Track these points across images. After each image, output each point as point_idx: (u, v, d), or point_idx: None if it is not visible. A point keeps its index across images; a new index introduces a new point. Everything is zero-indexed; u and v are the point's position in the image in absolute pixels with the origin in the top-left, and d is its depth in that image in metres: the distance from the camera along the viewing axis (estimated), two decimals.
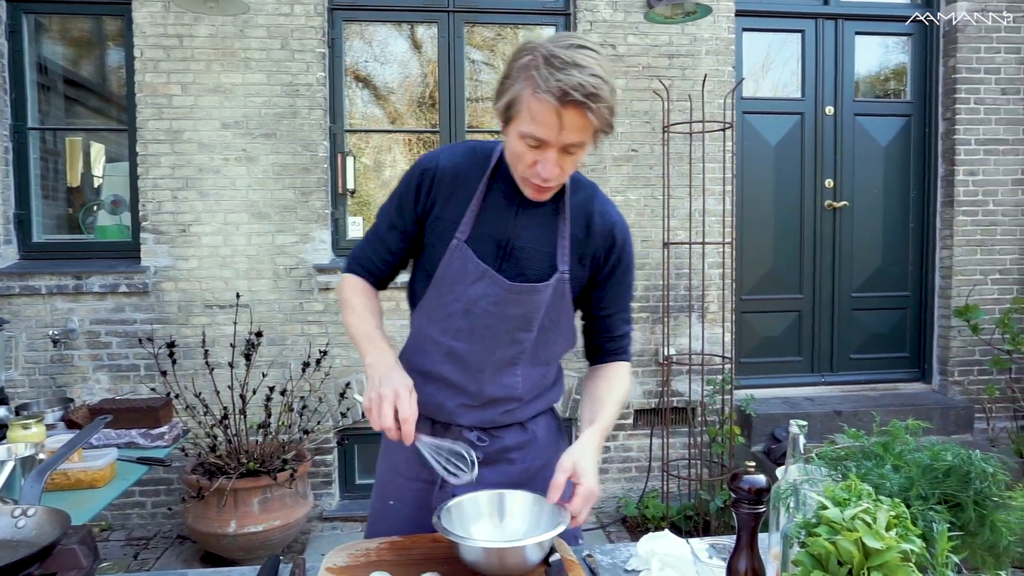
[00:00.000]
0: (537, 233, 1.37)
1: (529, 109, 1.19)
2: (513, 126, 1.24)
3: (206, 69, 3.63)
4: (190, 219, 3.67)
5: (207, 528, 3.15)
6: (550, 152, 1.22)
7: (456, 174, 1.37)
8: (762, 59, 4.32)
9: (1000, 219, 4.28)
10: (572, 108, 1.16)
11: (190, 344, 3.64)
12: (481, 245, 1.36)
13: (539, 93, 1.15)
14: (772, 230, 4.32)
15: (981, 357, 4.25)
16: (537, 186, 1.29)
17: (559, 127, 1.17)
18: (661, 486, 3.88)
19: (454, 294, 1.37)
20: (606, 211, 1.42)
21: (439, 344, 1.41)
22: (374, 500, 1.56)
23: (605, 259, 1.42)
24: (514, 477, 1.46)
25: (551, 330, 1.41)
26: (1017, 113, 4.26)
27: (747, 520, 1.08)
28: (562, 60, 1.15)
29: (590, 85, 1.15)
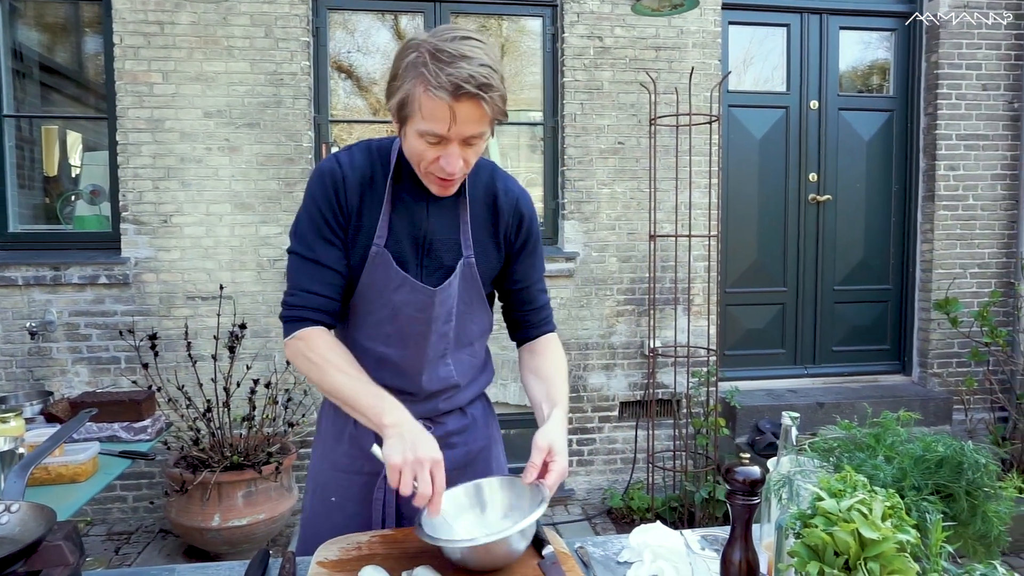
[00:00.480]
0: (447, 223, 1.38)
1: (423, 107, 1.17)
2: (410, 125, 1.22)
3: (188, 57, 3.57)
4: (172, 209, 3.61)
5: (190, 522, 3.11)
6: (452, 147, 1.21)
7: (362, 178, 1.33)
8: (748, 52, 4.33)
9: (979, 213, 4.34)
10: (466, 101, 1.15)
11: (172, 336, 3.59)
12: (400, 247, 1.35)
13: (431, 90, 1.14)
14: (756, 223, 4.34)
15: (960, 349, 4.32)
16: (442, 180, 1.28)
17: (454, 121, 1.17)
18: (646, 478, 3.90)
19: (379, 301, 1.36)
20: (508, 188, 1.43)
21: (368, 351, 1.39)
22: (311, 500, 1.51)
23: (516, 234, 1.44)
24: (457, 461, 1.47)
25: (465, 313, 1.43)
26: (997, 109, 4.32)
27: (741, 511, 1.08)
28: (449, 54, 1.14)
29: (480, 76, 1.15)
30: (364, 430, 1.44)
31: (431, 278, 1.38)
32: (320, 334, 1.31)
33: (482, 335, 1.51)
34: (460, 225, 1.38)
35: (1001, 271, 4.38)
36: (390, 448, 1.19)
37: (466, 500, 1.33)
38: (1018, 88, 4.29)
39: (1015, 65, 4.30)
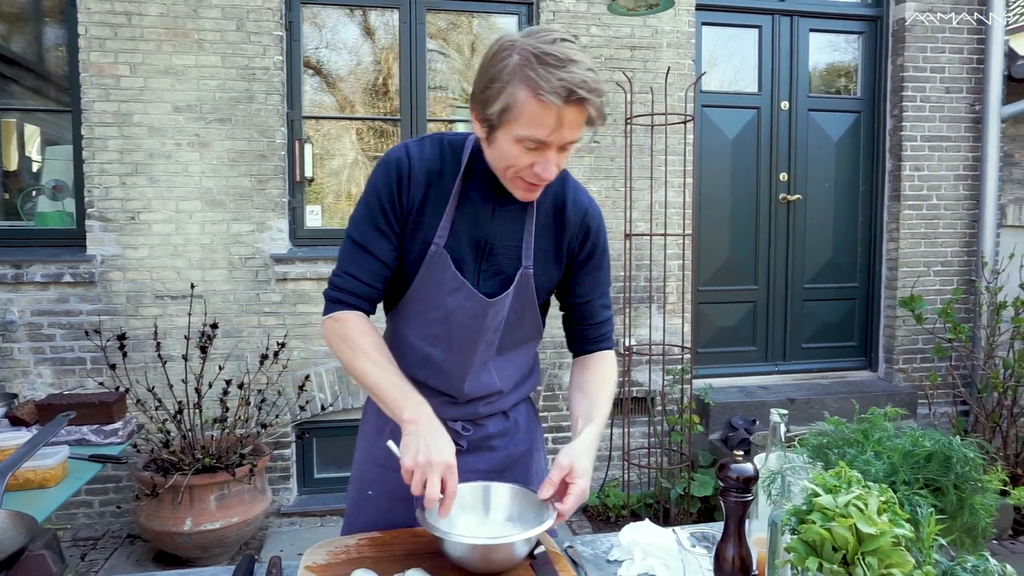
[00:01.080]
0: (512, 229, 1.34)
1: (529, 112, 1.13)
2: (506, 130, 1.17)
3: (156, 49, 3.48)
4: (140, 206, 3.52)
5: (161, 526, 3.04)
6: (550, 153, 1.18)
7: (429, 172, 1.30)
8: (721, 53, 4.38)
9: (943, 213, 4.46)
10: (574, 106, 1.13)
11: (140, 336, 3.50)
12: (460, 248, 1.31)
13: (543, 95, 1.10)
14: (728, 222, 4.40)
15: (924, 346, 4.43)
16: (530, 185, 1.24)
17: (559, 126, 1.14)
18: (622, 475, 3.93)
19: (433, 301, 1.34)
20: (578, 199, 1.40)
21: (416, 350, 1.38)
22: (351, 491, 1.52)
23: (580, 247, 1.41)
24: (496, 464, 1.46)
25: (515, 323, 1.40)
26: (960, 111, 4.44)
27: (735, 508, 1.09)
28: (556, 57, 1.11)
29: (592, 81, 1.13)
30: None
31: (488, 283, 1.34)
32: (356, 319, 1.31)
33: (529, 341, 1.47)
34: (524, 234, 1.35)
35: (963, 269, 4.50)
36: (405, 447, 1.19)
37: (470, 500, 1.32)
38: (979, 91, 4.41)
39: (976, 68, 4.42)
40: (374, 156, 4.08)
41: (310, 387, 3.63)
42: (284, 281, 3.65)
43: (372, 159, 4.09)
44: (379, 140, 4.10)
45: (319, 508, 3.70)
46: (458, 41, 4.14)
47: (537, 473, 1.54)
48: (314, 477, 3.85)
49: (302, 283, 3.67)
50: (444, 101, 4.07)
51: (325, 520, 3.65)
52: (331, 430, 3.83)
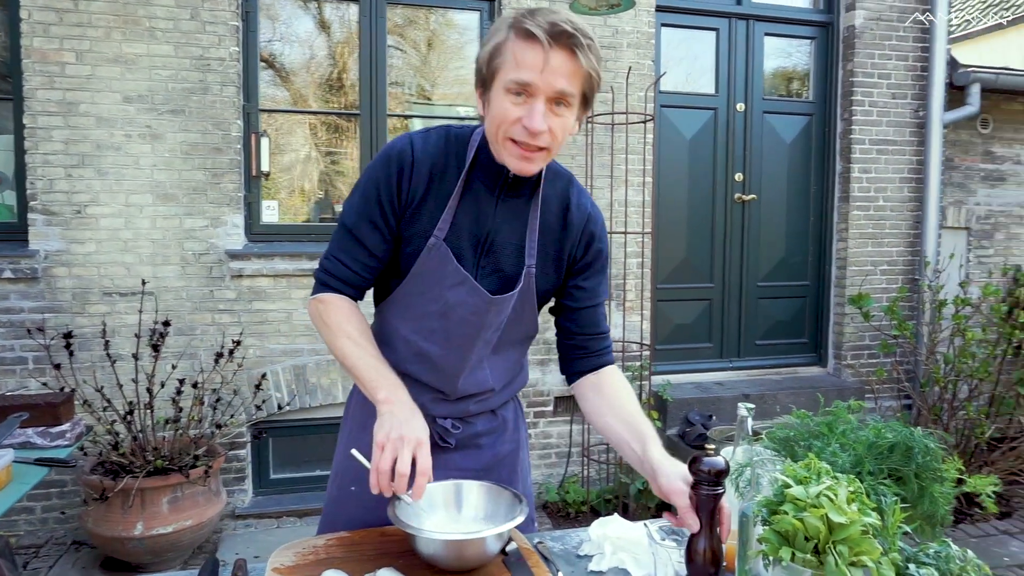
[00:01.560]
0: (513, 226, 1.32)
1: (514, 53, 1.14)
2: (498, 81, 1.17)
3: (105, 36, 3.35)
4: (87, 199, 3.39)
5: (110, 532, 2.93)
6: (537, 103, 1.15)
7: (433, 164, 1.28)
8: (679, 54, 4.45)
9: (888, 214, 4.62)
10: (560, 48, 1.12)
11: (87, 335, 3.37)
12: (460, 242, 1.29)
13: (527, 26, 1.12)
14: (686, 221, 4.47)
15: (871, 342, 4.59)
16: (523, 149, 1.19)
17: (545, 66, 1.12)
18: (581, 471, 3.96)
19: (431, 294, 1.31)
20: (582, 202, 1.39)
21: (409, 343, 1.35)
22: (331, 488, 1.49)
23: (585, 251, 1.39)
24: (484, 462, 1.45)
25: (514, 322, 1.38)
26: (905, 116, 4.61)
27: (707, 501, 1.10)
28: (547, 10, 1.16)
29: (575, 23, 1.14)
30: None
31: (487, 280, 1.32)
32: (340, 301, 1.32)
33: (524, 341, 1.45)
34: (527, 232, 1.32)
35: (907, 268, 4.67)
36: (378, 425, 1.17)
37: (440, 498, 1.31)
38: (923, 97, 4.59)
39: (920, 76, 4.60)
40: (328, 152, 4.02)
41: (267, 386, 3.55)
42: (239, 278, 3.56)
43: (327, 154, 4.02)
44: (335, 135, 4.03)
45: (275, 509, 3.62)
46: (414, 37, 4.10)
47: (522, 472, 1.53)
48: (270, 478, 3.77)
49: (258, 280, 3.58)
50: (400, 97, 4.02)
51: (281, 521, 3.58)
52: (288, 430, 3.76)
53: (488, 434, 1.46)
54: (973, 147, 5.01)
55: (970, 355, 3.96)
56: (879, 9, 4.49)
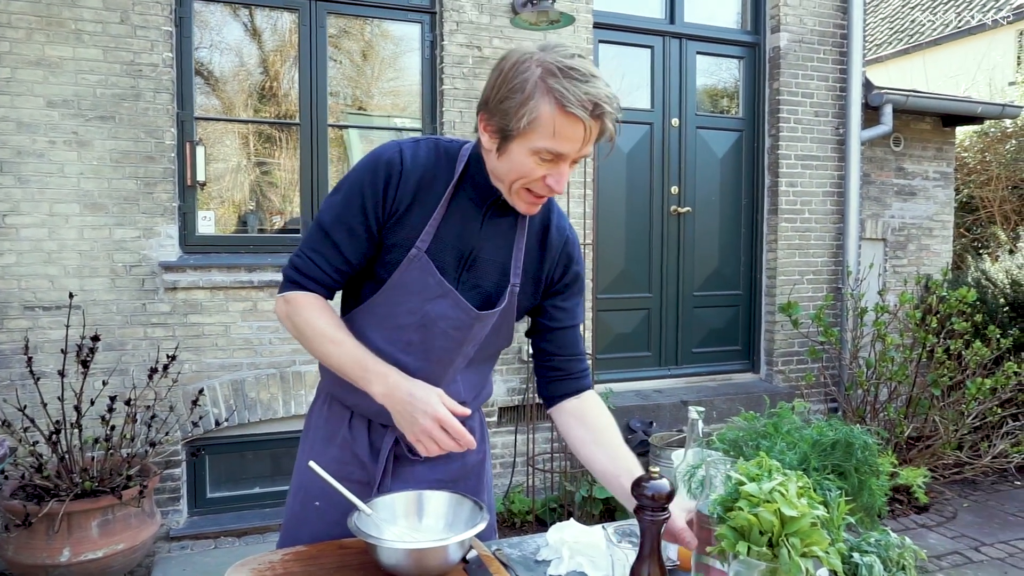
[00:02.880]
0: (498, 244, 1.33)
1: (554, 124, 1.13)
2: (523, 142, 1.16)
3: (27, 38, 3.20)
4: (6, 208, 3.21)
5: (32, 559, 2.77)
6: (564, 166, 1.19)
7: (422, 176, 1.27)
8: (616, 70, 4.57)
9: (813, 226, 4.86)
10: (599, 120, 1.14)
11: (6, 351, 3.19)
12: (442, 255, 1.29)
13: (571, 108, 1.11)
14: (624, 233, 4.58)
15: (800, 348, 4.80)
16: (535, 199, 1.23)
17: (585, 140, 1.15)
18: (526, 480, 3.99)
19: (409, 306, 1.30)
20: (561, 224, 1.41)
21: (384, 354, 1.31)
22: (293, 503, 1.45)
23: (563, 273, 1.41)
24: (452, 473, 1.45)
25: (492, 337, 1.39)
26: (826, 134, 4.87)
27: (650, 526, 1.06)
28: (580, 72, 1.13)
29: (614, 97, 1.15)
30: (359, 433, 1.39)
31: (467, 295, 1.31)
32: (307, 298, 1.29)
33: (496, 355, 1.47)
34: (513, 250, 1.33)
35: (831, 277, 4.92)
36: (397, 423, 1.22)
37: (401, 508, 1.31)
38: (843, 116, 4.86)
39: (840, 96, 4.87)
40: (260, 162, 3.93)
41: (204, 402, 3.44)
42: (174, 290, 3.44)
43: (262, 164, 3.94)
44: (273, 145, 3.96)
45: (213, 529, 3.50)
46: (349, 48, 4.08)
47: (487, 482, 1.55)
48: (207, 497, 3.64)
49: (194, 292, 3.47)
50: (335, 108, 3.98)
51: (219, 542, 3.46)
52: (226, 446, 3.64)
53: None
54: (887, 163, 5.34)
55: (889, 359, 4.21)
56: (801, 32, 4.75)
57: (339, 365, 1.26)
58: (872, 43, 11.04)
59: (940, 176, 5.54)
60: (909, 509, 3.92)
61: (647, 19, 4.57)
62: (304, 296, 1.29)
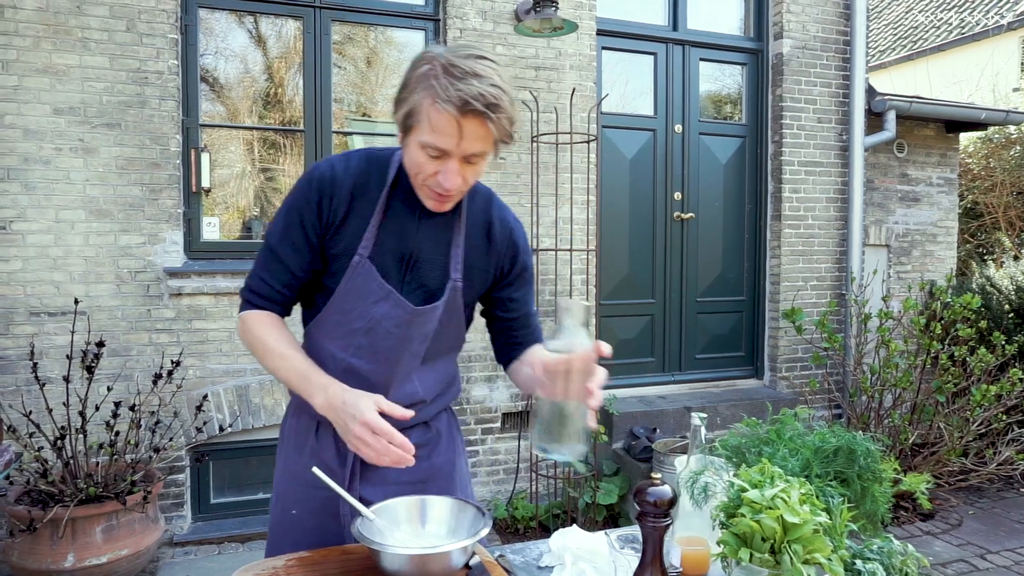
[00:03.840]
0: (436, 242, 1.37)
1: (429, 119, 1.18)
2: (413, 136, 1.22)
3: (34, 47, 3.23)
4: (12, 215, 3.23)
5: (37, 564, 2.78)
6: (451, 162, 1.22)
7: (355, 186, 1.33)
8: (620, 77, 4.58)
9: (817, 232, 4.86)
10: (472, 118, 1.17)
11: (11, 357, 3.21)
12: (384, 260, 1.34)
13: (439, 103, 1.15)
14: (627, 238, 4.59)
15: (803, 355, 4.79)
16: (439, 196, 1.28)
17: (459, 137, 1.18)
18: (529, 487, 3.98)
19: (357, 311, 1.35)
20: (504, 218, 1.45)
21: (338, 360, 1.37)
22: (274, 512, 1.48)
23: (511, 266, 1.45)
24: (420, 474, 1.46)
25: (441, 334, 1.42)
26: (830, 140, 4.87)
27: (652, 533, 1.06)
28: (461, 70, 1.16)
29: (490, 95, 1.17)
30: (325, 443, 1.42)
31: (411, 295, 1.36)
32: (259, 316, 1.36)
33: (451, 351, 1.49)
34: (451, 248, 1.38)
35: (835, 284, 4.92)
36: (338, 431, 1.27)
37: (404, 514, 1.31)
38: (846, 122, 4.86)
39: (843, 102, 4.87)
40: (265, 168, 3.95)
41: (208, 407, 3.45)
42: (179, 296, 3.45)
43: (264, 170, 3.96)
44: (277, 151, 3.98)
45: (216, 535, 3.50)
46: (353, 54, 4.10)
47: (460, 481, 1.55)
48: (210, 503, 3.65)
49: (198, 298, 3.49)
50: (340, 114, 4.00)
51: (223, 547, 3.46)
52: (230, 452, 3.65)
53: (422, 446, 1.47)
54: (891, 169, 5.33)
55: (893, 366, 4.19)
56: (804, 39, 4.75)
57: (286, 379, 1.32)
58: (875, 49, 11.05)
59: (944, 182, 5.54)
60: (914, 516, 3.91)
61: (650, 26, 4.58)
62: (256, 315, 1.36)
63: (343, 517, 1.40)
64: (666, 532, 1.08)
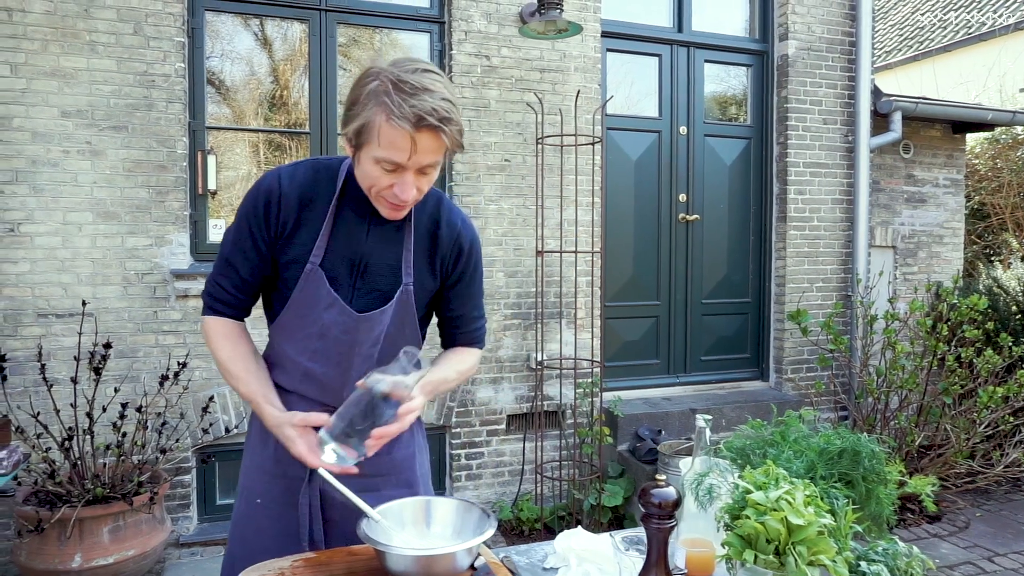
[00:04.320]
0: (387, 247, 1.41)
1: (382, 135, 1.20)
2: (366, 151, 1.25)
3: (42, 50, 3.25)
4: (20, 217, 3.26)
5: (45, 564, 2.79)
6: (407, 175, 1.26)
7: (302, 196, 1.37)
8: (624, 78, 4.59)
9: (823, 233, 4.85)
10: (427, 132, 1.20)
11: (19, 358, 3.22)
12: (335, 266, 1.38)
13: (394, 119, 1.18)
14: (632, 240, 4.58)
15: (809, 356, 4.78)
16: (394, 206, 1.32)
17: (413, 151, 1.21)
18: (534, 488, 3.98)
19: (310, 317, 1.40)
20: (452, 220, 1.47)
21: (296, 364, 1.44)
22: (239, 503, 1.52)
23: (453, 265, 1.49)
24: (382, 468, 1.49)
25: (396, 335, 1.45)
26: (835, 141, 4.86)
27: (657, 534, 1.06)
28: (412, 85, 1.19)
29: (443, 109, 1.20)
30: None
31: (363, 300, 1.40)
32: (216, 327, 1.43)
33: None
34: (403, 252, 1.41)
35: (841, 285, 4.90)
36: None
37: (409, 515, 1.32)
38: (851, 123, 4.85)
39: (848, 103, 4.86)
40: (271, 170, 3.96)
41: (214, 409, 3.46)
42: (185, 298, 3.47)
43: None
44: (283, 154, 3.99)
45: (222, 536, 3.51)
46: (359, 57, 4.11)
47: (422, 475, 1.59)
48: (216, 504, 3.66)
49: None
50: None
51: (229, 529, 3.47)
52: (236, 453, 3.66)
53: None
54: (897, 171, 5.32)
55: (900, 367, 4.18)
56: (809, 40, 4.75)
57: (241, 394, 1.43)
58: (881, 50, 11.02)
59: (950, 183, 5.52)
60: (921, 519, 3.89)
61: (655, 27, 4.58)
62: (214, 322, 1.44)
63: (300, 506, 1.45)
64: (671, 534, 1.08)
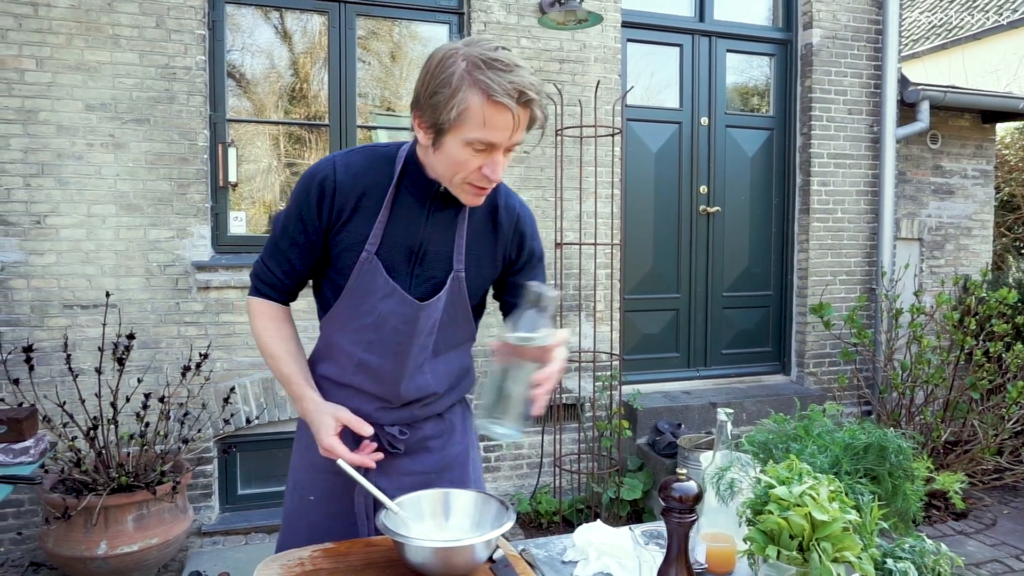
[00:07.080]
0: (445, 236, 1.38)
1: (483, 115, 1.17)
2: (456, 134, 1.20)
3: (67, 44, 3.29)
4: (46, 209, 3.30)
5: (71, 551, 2.84)
6: (498, 154, 1.23)
7: (357, 183, 1.34)
8: (645, 69, 4.54)
9: (847, 226, 4.77)
10: (525, 108, 1.19)
11: (46, 349, 3.28)
12: (393, 254, 1.35)
13: (497, 97, 1.15)
14: (652, 232, 4.55)
15: (832, 350, 4.71)
16: (479, 189, 1.28)
17: (516, 127, 1.19)
18: (553, 481, 3.98)
19: (366, 307, 1.36)
20: (510, 204, 1.44)
21: (350, 355, 1.40)
22: (290, 499, 1.52)
23: (518, 252, 1.46)
24: (433, 465, 1.48)
25: (448, 325, 1.42)
26: (860, 131, 4.77)
27: (677, 528, 1.05)
28: (503, 63, 1.17)
29: (537, 84, 1.19)
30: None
31: (420, 288, 1.37)
32: (261, 309, 1.43)
33: (463, 343, 1.49)
34: (455, 238, 1.38)
35: (865, 278, 4.83)
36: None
37: (428, 507, 1.31)
38: (877, 113, 4.76)
39: (874, 93, 4.77)
40: (290, 162, 3.98)
41: (235, 399, 3.49)
42: (206, 290, 3.50)
43: (290, 165, 3.99)
44: (303, 146, 4.00)
45: (243, 525, 3.55)
46: (377, 49, 4.11)
47: (474, 472, 1.56)
48: (237, 493, 3.70)
49: (226, 292, 3.53)
50: (364, 109, 4.01)
51: (250, 538, 3.51)
52: (257, 444, 3.70)
53: (436, 437, 1.49)
54: (924, 161, 5.22)
55: (925, 362, 4.11)
56: (835, 28, 4.66)
57: (278, 377, 1.43)
58: (908, 38, 10.80)
59: (979, 174, 5.40)
60: (947, 515, 3.83)
61: (676, 17, 4.53)
62: (259, 304, 1.44)
63: (356, 504, 1.43)
64: (691, 528, 1.07)
